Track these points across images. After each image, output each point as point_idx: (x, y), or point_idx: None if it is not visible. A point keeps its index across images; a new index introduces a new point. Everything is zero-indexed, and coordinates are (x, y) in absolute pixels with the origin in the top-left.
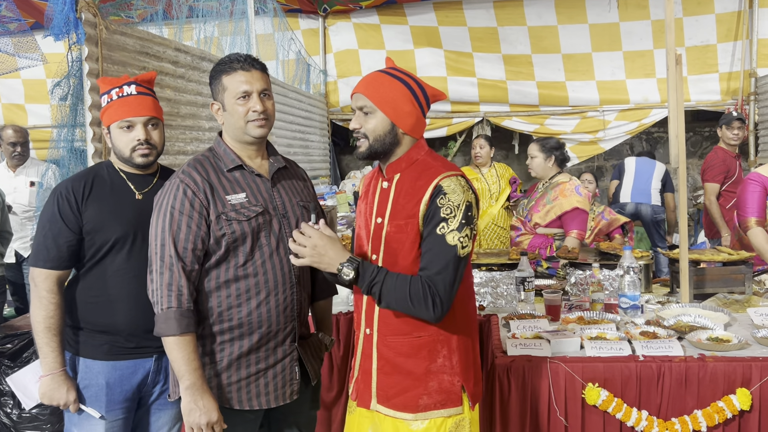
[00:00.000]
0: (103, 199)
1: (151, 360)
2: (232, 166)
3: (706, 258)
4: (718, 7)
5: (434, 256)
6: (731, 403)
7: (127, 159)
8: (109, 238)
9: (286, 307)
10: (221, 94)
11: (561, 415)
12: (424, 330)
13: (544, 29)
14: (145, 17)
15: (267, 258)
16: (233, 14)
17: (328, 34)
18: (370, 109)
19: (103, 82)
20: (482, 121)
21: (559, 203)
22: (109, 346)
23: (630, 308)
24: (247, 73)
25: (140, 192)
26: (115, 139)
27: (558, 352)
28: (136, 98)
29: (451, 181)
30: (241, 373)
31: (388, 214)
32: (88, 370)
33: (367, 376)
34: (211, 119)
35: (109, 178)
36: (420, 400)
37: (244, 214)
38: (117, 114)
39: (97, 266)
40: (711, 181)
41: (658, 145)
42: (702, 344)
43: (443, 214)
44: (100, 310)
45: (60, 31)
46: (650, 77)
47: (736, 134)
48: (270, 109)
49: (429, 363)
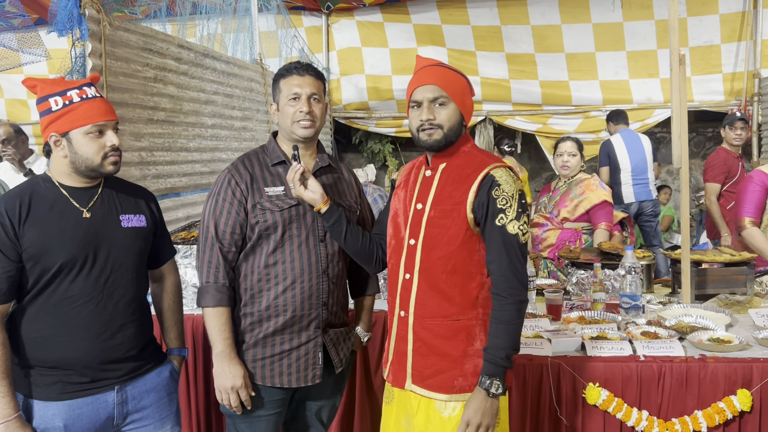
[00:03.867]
0: (44, 219)
1: (112, 392)
2: (276, 161)
3: (707, 259)
4: (723, 8)
5: (499, 248)
6: (732, 404)
7: (95, 168)
8: (53, 263)
9: (311, 294)
10: (278, 96)
11: (561, 415)
12: (464, 314)
13: (547, 28)
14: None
15: (296, 248)
16: (237, 11)
17: (331, 31)
18: (445, 99)
19: (43, 82)
20: (485, 120)
21: (587, 197)
22: (62, 384)
23: (631, 308)
24: (300, 78)
25: (86, 208)
26: (80, 146)
27: (559, 351)
28: (101, 101)
29: (503, 172)
30: (266, 352)
31: (431, 200)
32: (43, 413)
33: (402, 358)
34: (213, 116)
35: (48, 194)
36: (455, 382)
37: (277, 206)
38: (86, 117)
39: (41, 295)
40: (712, 181)
41: (660, 145)
42: (703, 345)
43: (500, 205)
44: (47, 345)
45: (64, 27)
46: (654, 77)
47: (739, 135)
48: (317, 112)
49: (467, 346)
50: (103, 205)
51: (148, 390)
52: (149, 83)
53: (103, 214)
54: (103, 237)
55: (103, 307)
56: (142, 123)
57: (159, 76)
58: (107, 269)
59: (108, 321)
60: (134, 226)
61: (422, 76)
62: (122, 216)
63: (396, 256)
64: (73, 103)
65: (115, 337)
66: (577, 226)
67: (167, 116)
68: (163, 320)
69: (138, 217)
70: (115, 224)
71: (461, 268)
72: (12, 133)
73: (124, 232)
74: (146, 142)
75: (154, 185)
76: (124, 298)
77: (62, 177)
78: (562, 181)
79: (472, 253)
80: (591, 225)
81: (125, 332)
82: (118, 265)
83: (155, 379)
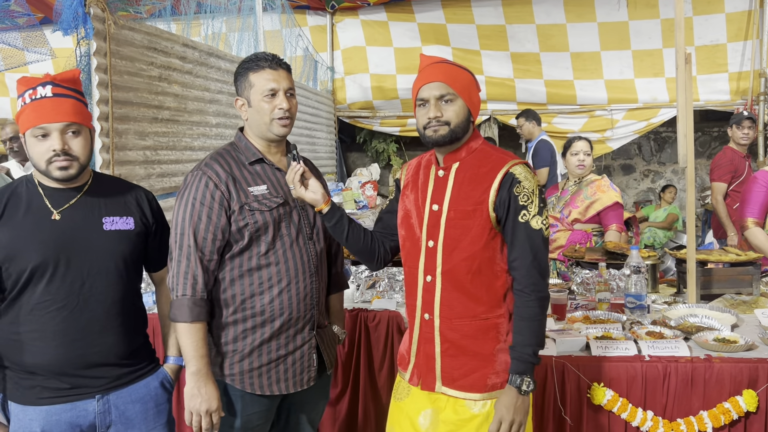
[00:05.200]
0: (17, 222)
1: (93, 401)
2: (253, 159)
3: (713, 258)
4: (729, 7)
5: (522, 244)
6: (737, 405)
7: (44, 172)
8: (25, 267)
9: (306, 295)
10: (247, 91)
11: (566, 415)
12: (492, 312)
13: (552, 27)
14: (154, 13)
15: (288, 248)
16: (241, 10)
17: (336, 30)
18: (452, 96)
19: (20, 82)
20: (489, 119)
21: (599, 198)
22: (40, 389)
23: (636, 308)
24: (274, 72)
25: (57, 210)
26: (29, 149)
27: (563, 351)
28: (51, 101)
29: (521, 168)
30: (263, 359)
31: (448, 201)
32: (21, 417)
33: (429, 360)
34: (218, 115)
35: (27, 195)
36: (488, 380)
37: (266, 205)
38: (29, 120)
39: (18, 300)
40: (718, 181)
41: (666, 145)
42: (708, 345)
43: (522, 201)
44: (23, 350)
45: (69, 26)
46: (659, 76)
47: (746, 134)
48: (293, 108)
49: (496, 343)
50: (84, 206)
51: (133, 400)
52: (154, 82)
53: (81, 217)
54: (78, 240)
55: (80, 313)
56: (146, 122)
57: (163, 75)
58: (84, 274)
59: (85, 327)
60: (118, 229)
61: (428, 73)
62: (105, 218)
63: (413, 259)
64: (26, 104)
65: (95, 344)
66: (587, 227)
67: (172, 115)
68: (162, 326)
69: (124, 220)
70: (94, 227)
71: (486, 268)
72: (19, 132)
73: (106, 235)
74: (151, 141)
75: (159, 184)
76: (103, 304)
77: (41, 178)
78: (571, 181)
79: (495, 252)
80: (601, 227)
81: (106, 339)
82: (96, 270)
83: (142, 389)
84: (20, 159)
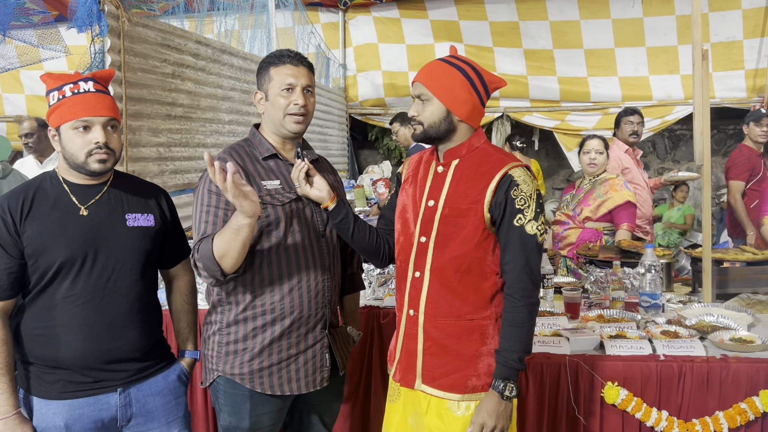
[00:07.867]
0: (45, 217)
1: (114, 394)
2: (267, 155)
3: (729, 257)
4: (745, 3)
5: (516, 248)
6: (754, 405)
7: (81, 165)
8: (53, 261)
9: (317, 293)
10: (266, 84)
11: (579, 414)
12: (478, 313)
13: (566, 24)
14: (167, 10)
15: (299, 243)
16: (254, 7)
17: (348, 27)
18: (427, 96)
19: (49, 77)
20: (502, 116)
21: (611, 197)
22: (63, 384)
23: (651, 307)
24: (294, 68)
25: (85, 206)
26: (67, 141)
27: (577, 350)
28: (95, 96)
29: (521, 171)
30: (273, 359)
31: (444, 197)
32: (44, 411)
33: (411, 357)
34: (231, 112)
35: (52, 191)
36: (469, 382)
37: (278, 200)
38: (71, 113)
39: (43, 294)
40: (736, 179)
41: (680, 143)
42: (724, 344)
43: (518, 205)
44: (48, 344)
45: (83, 23)
46: (674, 74)
47: (765, 131)
48: (310, 105)
49: (480, 345)
50: (108, 202)
51: (153, 393)
52: (167, 79)
53: (107, 212)
54: (105, 236)
55: (105, 308)
56: (160, 119)
57: (177, 72)
58: (109, 269)
59: (110, 322)
60: (140, 226)
61: (419, 72)
62: (128, 215)
63: (405, 254)
64: (65, 97)
65: (118, 338)
66: (598, 226)
67: (185, 112)
68: (175, 321)
69: (145, 216)
70: (119, 223)
71: (476, 267)
72: (36, 127)
73: (129, 231)
74: (164, 137)
75: (172, 181)
76: (127, 299)
77: (66, 173)
78: (587, 179)
79: (487, 252)
80: (612, 226)
81: (128, 333)
82: (121, 265)
83: (161, 383)
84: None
